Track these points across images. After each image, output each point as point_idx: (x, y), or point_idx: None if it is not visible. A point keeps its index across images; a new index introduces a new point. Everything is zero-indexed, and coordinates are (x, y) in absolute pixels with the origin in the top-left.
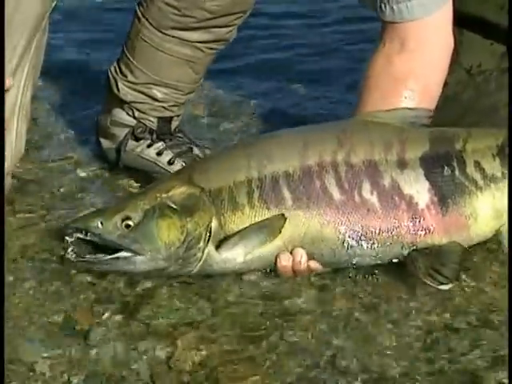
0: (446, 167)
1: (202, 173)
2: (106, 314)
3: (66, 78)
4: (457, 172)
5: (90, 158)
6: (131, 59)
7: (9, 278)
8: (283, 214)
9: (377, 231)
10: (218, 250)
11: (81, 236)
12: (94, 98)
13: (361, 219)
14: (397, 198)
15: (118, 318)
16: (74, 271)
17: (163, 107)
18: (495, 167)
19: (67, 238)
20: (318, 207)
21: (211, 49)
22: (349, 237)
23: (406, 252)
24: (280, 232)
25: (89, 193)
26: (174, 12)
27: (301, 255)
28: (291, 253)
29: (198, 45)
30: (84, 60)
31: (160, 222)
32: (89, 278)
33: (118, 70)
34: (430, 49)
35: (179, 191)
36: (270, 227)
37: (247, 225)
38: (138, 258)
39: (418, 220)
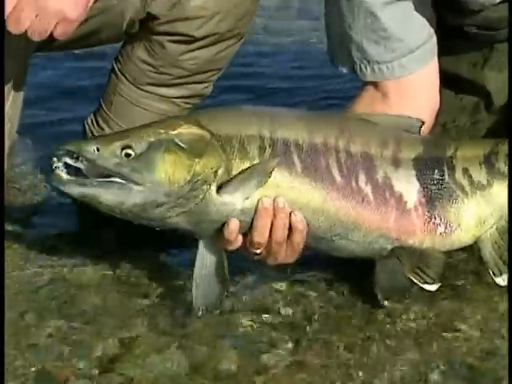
0: (436, 171)
1: (211, 119)
2: (83, 367)
3: (42, 129)
4: (446, 176)
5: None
6: (108, 113)
7: None
8: (274, 161)
9: (366, 223)
10: (219, 193)
11: (69, 161)
12: None
13: (356, 206)
14: (388, 194)
15: (95, 371)
16: (49, 324)
17: None
18: (481, 175)
19: (54, 159)
20: (323, 182)
21: (188, 103)
22: (343, 220)
23: (390, 247)
24: (270, 176)
25: None
26: (150, 69)
27: (284, 203)
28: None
29: (175, 100)
30: (60, 111)
31: (166, 157)
32: (65, 327)
33: (94, 122)
34: (412, 105)
35: (188, 131)
36: (262, 170)
37: None
38: (136, 187)
39: (404, 218)
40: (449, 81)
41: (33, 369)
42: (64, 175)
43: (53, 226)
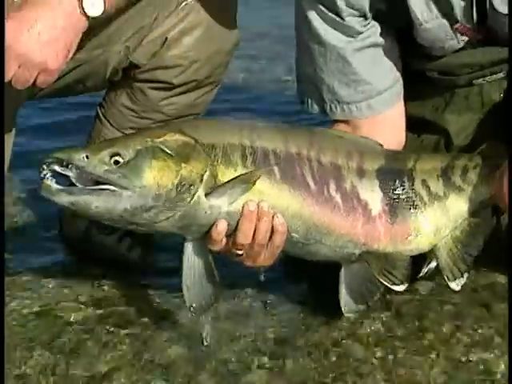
0: (397, 181)
1: (194, 128)
2: None
3: (26, 171)
4: (406, 187)
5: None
6: None
7: None
8: (260, 170)
9: (337, 228)
10: (207, 197)
11: (58, 169)
12: None
13: (328, 212)
14: (355, 202)
15: None
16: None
17: None
18: (439, 187)
19: (44, 167)
20: (300, 189)
21: None
22: (317, 224)
23: (358, 252)
24: (254, 184)
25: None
26: (132, 114)
27: (269, 207)
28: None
29: None
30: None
31: (154, 163)
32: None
33: None
34: (380, 140)
35: (173, 138)
36: (250, 178)
37: None
38: (126, 192)
39: (370, 225)
40: (412, 124)
41: None
42: (53, 184)
43: (40, 260)
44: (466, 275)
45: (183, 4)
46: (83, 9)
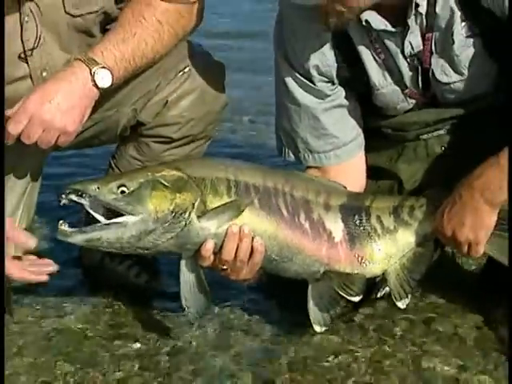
0: (356, 216)
1: (187, 165)
2: None
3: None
4: (364, 221)
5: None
6: None
7: None
8: (245, 201)
9: (306, 249)
10: (199, 219)
11: (74, 198)
12: None
13: (298, 237)
14: (321, 230)
15: None
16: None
17: None
18: (390, 222)
19: (63, 197)
20: (275, 216)
21: None
22: (290, 245)
23: (322, 270)
24: (242, 212)
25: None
26: (138, 164)
27: (249, 230)
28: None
29: None
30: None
31: (153, 193)
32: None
33: None
34: (345, 184)
35: (170, 173)
36: (236, 207)
37: None
38: (130, 219)
39: (333, 249)
40: (371, 172)
41: None
42: (68, 228)
43: (59, 285)
44: (409, 296)
45: (180, 73)
46: (95, 81)
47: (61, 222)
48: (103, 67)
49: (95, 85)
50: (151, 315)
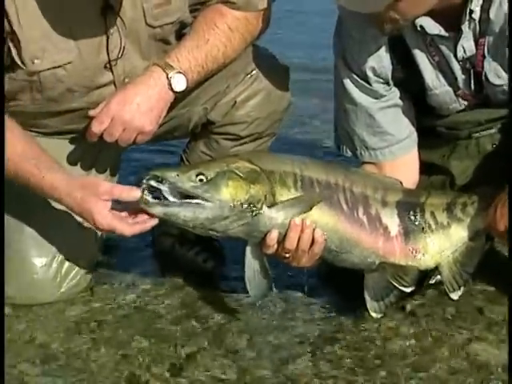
0: (412, 212)
1: (259, 159)
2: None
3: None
4: (418, 216)
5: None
6: None
7: None
8: (318, 197)
9: (363, 242)
10: (270, 209)
11: (154, 184)
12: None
13: (357, 231)
14: (378, 224)
15: (167, 374)
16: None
17: None
18: (444, 218)
19: (143, 182)
20: (336, 210)
21: None
22: (348, 238)
23: (378, 262)
24: (311, 209)
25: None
26: (208, 159)
27: (311, 222)
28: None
29: None
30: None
31: (230, 182)
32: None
33: None
34: (400, 179)
35: (244, 165)
36: (307, 202)
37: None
38: (208, 204)
39: (388, 243)
40: (424, 168)
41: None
42: (150, 198)
43: (135, 267)
44: (462, 288)
45: (248, 76)
46: (171, 85)
47: (146, 191)
48: (179, 72)
49: (171, 88)
50: (218, 297)
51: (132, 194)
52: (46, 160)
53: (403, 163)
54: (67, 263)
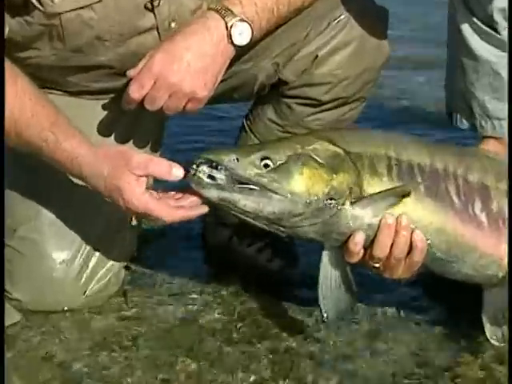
0: None
1: (341, 138)
2: None
3: None
4: None
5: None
6: None
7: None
8: (409, 187)
9: (481, 247)
10: (353, 206)
11: (207, 170)
12: None
13: (472, 231)
14: (501, 223)
15: None
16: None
17: None
18: None
19: (193, 167)
20: (444, 204)
21: None
22: (460, 242)
23: (500, 275)
24: (402, 199)
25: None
26: (277, 128)
27: (408, 221)
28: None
29: None
30: None
31: (305, 170)
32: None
33: None
34: None
35: (323, 148)
36: (397, 194)
37: None
38: (276, 196)
39: None
40: None
41: None
42: (205, 178)
43: (180, 266)
44: None
45: (334, 22)
46: (231, 37)
47: (200, 169)
48: (241, 20)
49: (231, 41)
50: (283, 308)
51: (174, 171)
52: (63, 123)
53: None
54: (94, 259)
